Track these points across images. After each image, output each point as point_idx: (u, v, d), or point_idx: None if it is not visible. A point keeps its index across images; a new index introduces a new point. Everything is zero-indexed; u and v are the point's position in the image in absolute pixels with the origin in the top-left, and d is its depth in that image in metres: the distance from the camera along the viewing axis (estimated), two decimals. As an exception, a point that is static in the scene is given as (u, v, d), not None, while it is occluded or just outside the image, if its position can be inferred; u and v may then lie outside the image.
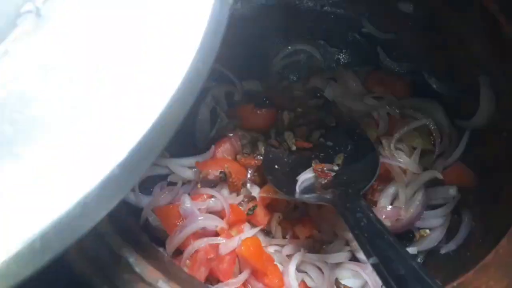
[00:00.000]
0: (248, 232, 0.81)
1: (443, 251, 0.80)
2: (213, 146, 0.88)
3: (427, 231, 0.85)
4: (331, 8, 0.97)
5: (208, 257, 0.73)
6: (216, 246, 0.75)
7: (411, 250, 0.82)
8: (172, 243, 0.75)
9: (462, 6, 0.71)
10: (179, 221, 0.77)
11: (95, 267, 0.40)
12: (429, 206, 0.85)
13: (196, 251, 0.74)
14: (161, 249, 0.78)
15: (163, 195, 0.83)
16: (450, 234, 0.82)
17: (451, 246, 0.79)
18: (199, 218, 0.77)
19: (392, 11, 0.89)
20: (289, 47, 1.01)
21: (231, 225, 0.81)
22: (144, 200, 0.83)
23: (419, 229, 0.86)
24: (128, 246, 0.41)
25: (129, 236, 0.43)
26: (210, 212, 0.81)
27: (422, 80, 0.91)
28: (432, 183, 0.85)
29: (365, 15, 0.95)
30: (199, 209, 0.79)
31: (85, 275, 0.39)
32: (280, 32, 1.01)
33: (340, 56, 1.03)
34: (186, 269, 0.73)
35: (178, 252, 0.77)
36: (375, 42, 0.96)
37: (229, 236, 0.77)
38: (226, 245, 0.74)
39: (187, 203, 0.77)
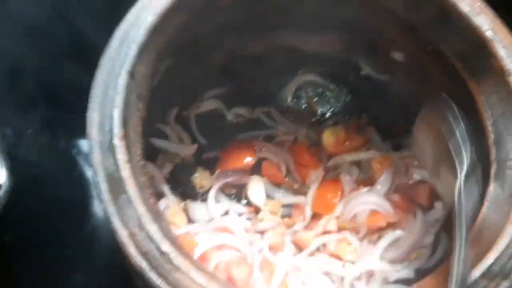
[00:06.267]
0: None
1: (424, 266, 0.93)
2: None
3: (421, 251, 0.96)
4: (336, 53, 1.12)
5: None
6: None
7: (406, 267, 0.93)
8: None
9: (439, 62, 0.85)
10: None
11: (146, 258, 0.55)
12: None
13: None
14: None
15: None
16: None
17: (430, 263, 0.92)
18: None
19: (386, 58, 1.03)
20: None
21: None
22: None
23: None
24: (169, 245, 0.56)
25: (169, 236, 0.58)
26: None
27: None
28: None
29: (364, 60, 1.10)
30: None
31: (138, 264, 0.55)
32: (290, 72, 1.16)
33: (343, 92, 1.18)
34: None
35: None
36: (373, 82, 1.10)
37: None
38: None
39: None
